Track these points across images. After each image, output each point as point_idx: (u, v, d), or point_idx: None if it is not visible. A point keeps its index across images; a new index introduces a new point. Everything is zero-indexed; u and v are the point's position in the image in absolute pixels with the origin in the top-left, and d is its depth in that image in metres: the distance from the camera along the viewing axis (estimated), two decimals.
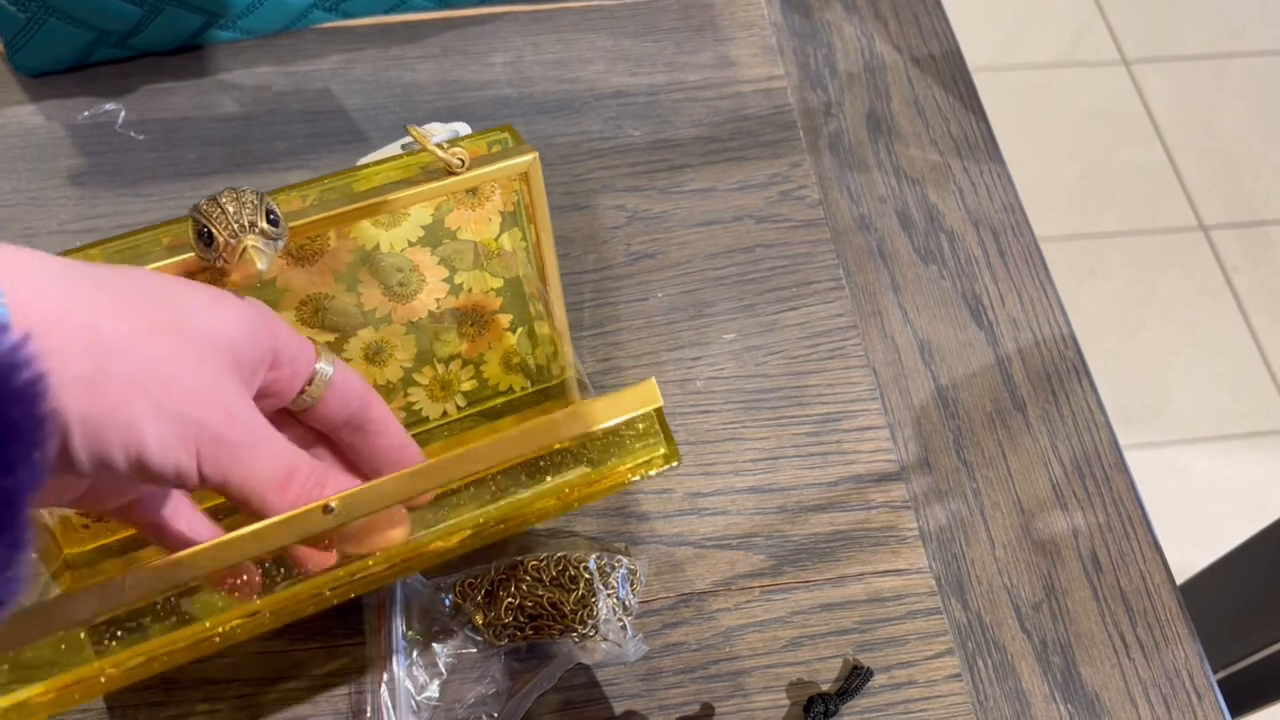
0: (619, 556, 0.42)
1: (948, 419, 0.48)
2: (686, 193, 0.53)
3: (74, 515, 0.39)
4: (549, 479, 0.35)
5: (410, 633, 0.41)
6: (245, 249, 0.31)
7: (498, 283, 0.42)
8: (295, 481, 0.30)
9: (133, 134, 0.52)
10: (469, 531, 0.34)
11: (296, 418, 0.35)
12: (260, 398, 0.32)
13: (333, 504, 0.30)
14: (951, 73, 0.58)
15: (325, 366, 0.33)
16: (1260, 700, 0.68)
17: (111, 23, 0.51)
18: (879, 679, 0.42)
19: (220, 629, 0.31)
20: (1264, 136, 1.70)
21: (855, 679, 0.42)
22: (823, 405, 0.48)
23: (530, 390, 0.45)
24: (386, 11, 0.56)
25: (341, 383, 0.34)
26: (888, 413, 0.48)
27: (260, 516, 0.29)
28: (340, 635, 0.41)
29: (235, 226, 0.31)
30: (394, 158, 0.38)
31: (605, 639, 0.41)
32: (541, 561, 0.42)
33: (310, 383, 0.33)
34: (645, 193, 0.53)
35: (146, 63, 0.54)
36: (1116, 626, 0.44)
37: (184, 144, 0.52)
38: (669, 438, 0.36)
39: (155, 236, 0.35)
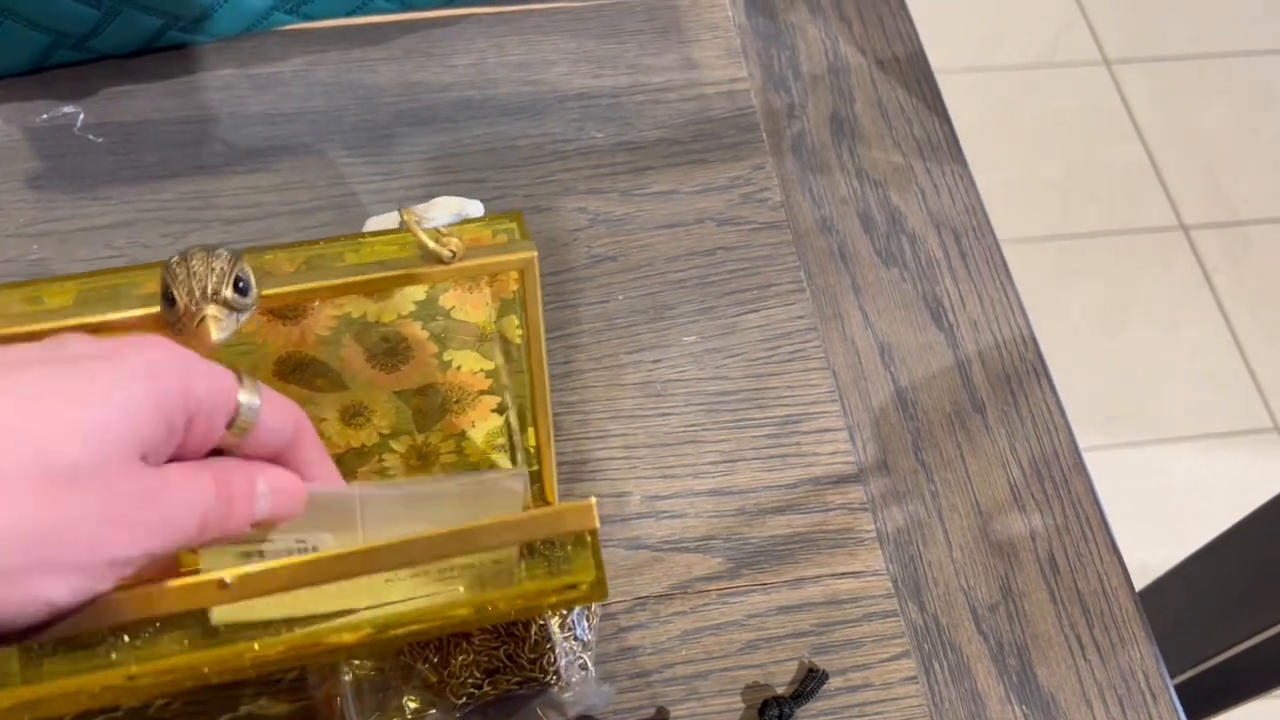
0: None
1: (907, 421, 0.48)
2: (648, 195, 0.53)
3: None
4: (461, 589, 0.35)
5: (363, 707, 0.40)
6: (204, 318, 0.30)
7: (489, 365, 0.41)
8: (209, 525, 0.29)
9: (91, 137, 0.52)
10: (369, 630, 0.33)
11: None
12: (179, 454, 0.30)
13: (228, 579, 0.30)
14: (915, 74, 0.58)
15: (250, 399, 0.31)
16: (1225, 702, 0.68)
17: (69, 25, 0.51)
18: (835, 681, 0.42)
19: (83, 691, 0.31)
20: (1244, 136, 1.70)
21: (810, 682, 0.42)
22: (782, 408, 0.48)
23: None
24: (349, 14, 0.56)
25: (269, 415, 0.31)
26: (847, 415, 0.48)
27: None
28: None
29: (197, 293, 0.30)
30: (395, 231, 0.37)
31: (569, 684, 0.40)
32: None
33: (232, 424, 0.31)
34: (607, 195, 0.53)
35: (105, 65, 0.54)
36: (1073, 628, 0.44)
37: (143, 147, 0.52)
38: (599, 566, 0.35)
39: (135, 279, 0.34)
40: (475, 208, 0.44)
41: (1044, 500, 0.47)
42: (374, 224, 0.48)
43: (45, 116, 0.52)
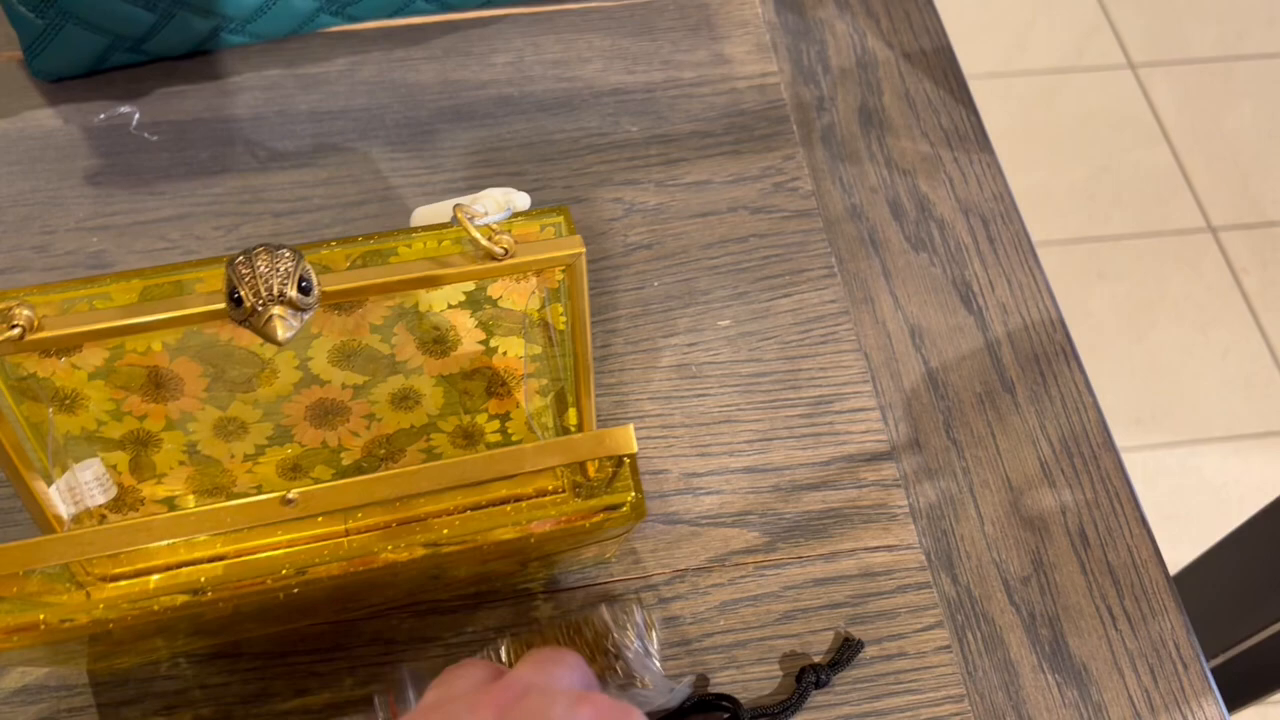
0: (630, 606, 0.41)
1: (938, 400, 0.49)
2: (682, 185, 0.55)
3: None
4: (507, 508, 0.37)
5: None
6: (270, 318, 0.31)
7: (534, 349, 0.42)
8: None
9: (147, 135, 0.54)
10: (420, 548, 0.35)
11: None
12: None
13: (292, 495, 0.31)
14: (942, 67, 0.60)
15: None
16: (1263, 688, 0.68)
17: (126, 28, 0.53)
18: (870, 650, 0.43)
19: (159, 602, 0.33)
20: (1271, 138, 1.70)
21: (846, 650, 0.43)
22: (815, 388, 0.49)
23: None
24: (391, 15, 0.58)
25: None
26: (879, 395, 0.49)
27: None
28: None
29: (264, 294, 0.31)
30: (444, 225, 0.38)
31: (642, 683, 0.40)
32: (555, 623, 0.41)
33: None
34: (642, 186, 0.54)
35: (160, 67, 0.56)
36: (1104, 599, 0.45)
37: (196, 144, 0.54)
38: (638, 487, 0.36)
39: (197, 274, 0.35)
40: (522, 199, 0.45)
41: (1074, 476, 0.48)
42: (419, 214, 0.50)
43: (103, 116, 0.55)
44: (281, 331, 0.31)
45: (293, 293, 0.31)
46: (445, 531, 0.36)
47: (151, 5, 0.52)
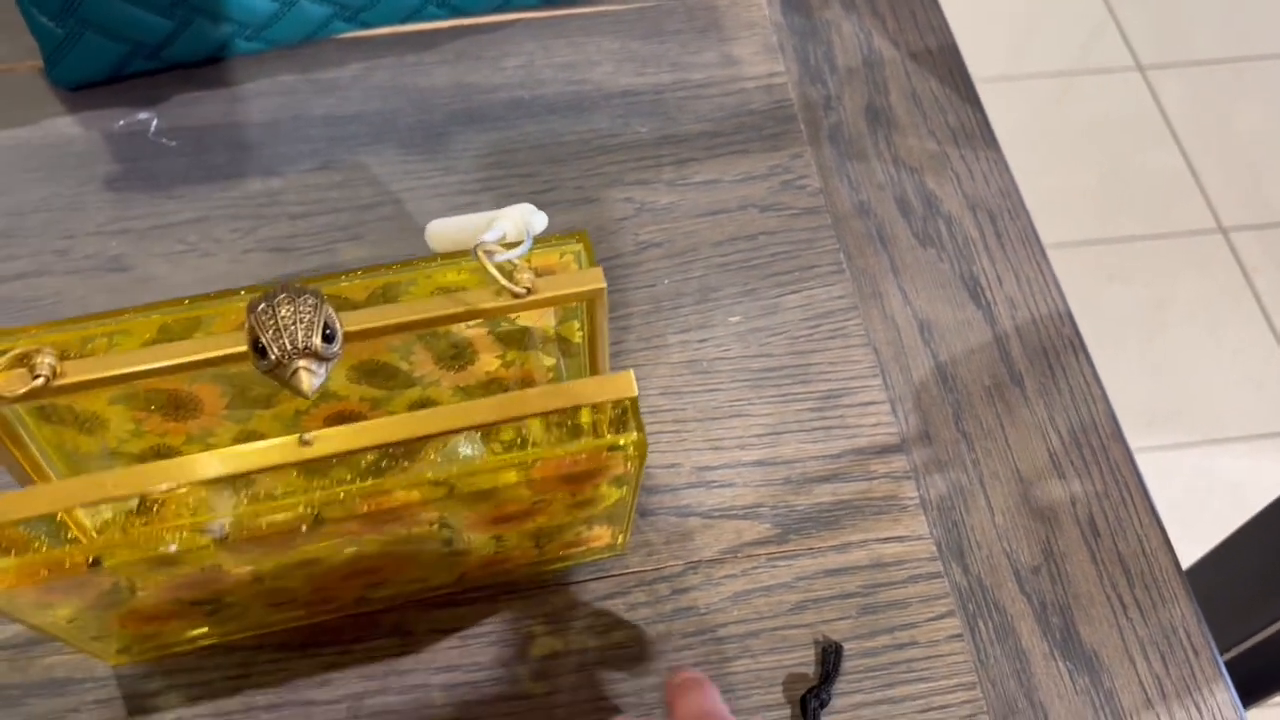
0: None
1: (947, 393, 0.50)
2: (692, 185, 0.55)
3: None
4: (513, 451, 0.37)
5: None
6: (296, 370, 0.31)
7: (549, 361, 0.43)
8: None
9: (165, 141, 0.55)
10: (429, 487, 0.35)
11: None
12: None
13: (308, 437, 0.32)
14: (948, 65, 0.60)
15: None
16: (1267, 688, 0.68)
17: (144, 36, 0.54)
18: (882, 639, 0.44)
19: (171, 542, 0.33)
20: None
21: (830, 660, 0.43)
22: (825, 382, 0.50)
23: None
24: (403, 20, 0.59)
25: None
26: (889, 388, 0.50)
27: None
28: None
29: (289, 347, 0.31)
30: (462, 254, 0.38)
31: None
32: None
33: None
34: (653, 185, 0.55)
35: (177, 74, 0.57)
36: (1114, 588, 0.45)
37: (213, 149, 0.55)
38: (640, 427, 0.37)
39: (215, 311, 0.35)
40: (540, 219, 0.45)
41: (1083, 467, 0.48)
42: (435, 227, 0.50)
43: (122, 123, 0.56)
44: (308, 384, 0.31)
45: (317, 342, 0.31)
46: (455, 470, 0.36)
47: (168, 13, 0.53)
